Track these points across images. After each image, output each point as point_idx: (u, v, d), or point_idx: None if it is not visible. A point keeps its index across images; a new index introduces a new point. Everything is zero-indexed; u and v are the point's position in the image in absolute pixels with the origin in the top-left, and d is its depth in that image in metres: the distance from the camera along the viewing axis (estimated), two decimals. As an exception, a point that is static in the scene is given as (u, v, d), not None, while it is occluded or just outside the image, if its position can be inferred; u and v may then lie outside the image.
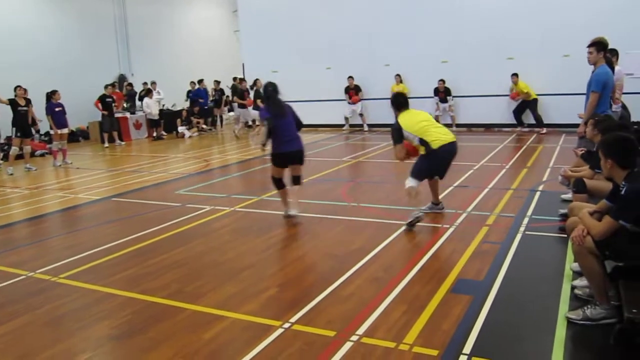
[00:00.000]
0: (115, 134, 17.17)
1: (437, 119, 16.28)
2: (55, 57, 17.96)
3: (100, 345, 3.86)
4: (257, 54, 19.51)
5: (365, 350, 3.54)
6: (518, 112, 15.37)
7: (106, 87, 17.26)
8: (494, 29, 15.35)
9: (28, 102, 12.57)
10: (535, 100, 14.94)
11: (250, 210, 7.59)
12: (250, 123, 19.08)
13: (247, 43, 20.06)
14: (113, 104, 17.11)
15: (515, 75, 15.05)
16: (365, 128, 17.69)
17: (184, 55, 22.96)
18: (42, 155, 14.89)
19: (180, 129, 18.71)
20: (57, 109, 13.20)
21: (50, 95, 13.26)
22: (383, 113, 17.21)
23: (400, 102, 6.57)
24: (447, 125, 16.28)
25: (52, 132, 13.37)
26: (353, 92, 17.52)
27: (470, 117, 16.41)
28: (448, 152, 6.30)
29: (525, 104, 15.15)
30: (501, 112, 15.78)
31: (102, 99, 16.81)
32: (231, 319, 4.09)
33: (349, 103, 17.71)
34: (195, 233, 6.55)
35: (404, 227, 6.18)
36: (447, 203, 7.25)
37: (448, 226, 6.24)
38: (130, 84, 19.66)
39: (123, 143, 17.20)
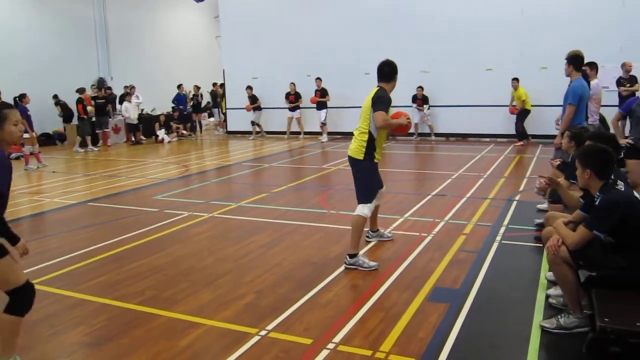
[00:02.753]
0: (89, 138, 16.84)
1: (415, 127, 16.57)
2: (31, 59, 17.66)
3: (73, 352, 3.79)
4: (238, 60, 19.50)
5: (341, 358, 3.53)
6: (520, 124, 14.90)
7: (85, 89, 17.06)
8: (473, 41, 15.58)
9: None
10: (528, 111, 14.70)
11: (229, 216, 7.55)
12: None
13: (227, 49, 20.03)
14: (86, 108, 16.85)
15: (515, 79, 14.67)
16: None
17: (164, 59, 22.85)
18: (17, 158, 14.63)
19: (160, 133, 18.57)
20: (28, 112, 12.99)
21: (20, 99, 13.05)
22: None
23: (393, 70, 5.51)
24: (426, 135, 16.59)
25: (25, 135, 13.06)
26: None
27: (450, 127, 16.58)
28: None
29: (521, 114, 14.75)
30: (480, 122, 15.95)
31: (82, 102, 16.60)
32: (207, 326, 4.05)
33: (290, 110, 17.70)
34: (172, 239, 6.49)
35: (343, 267, 5.26)
36: (424, 212, 7.30)
37: (426, 234, 6.27)
38: (109, 88, 19.48)
39: (96, 149, 16.77)
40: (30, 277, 5.19)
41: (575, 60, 6.95)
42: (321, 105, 17.15)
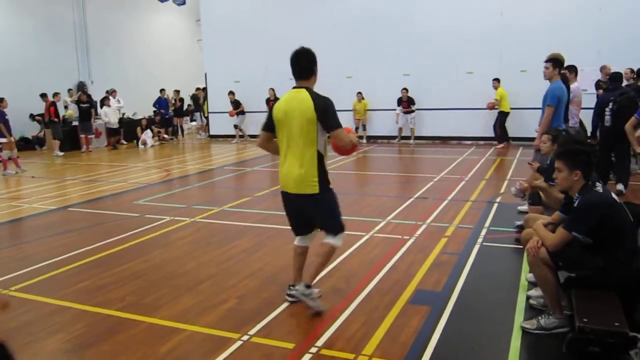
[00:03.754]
0: (57, 143, 16.35)
1: (399, 130, 16.63)
2: (8, 62, 17.42)
3: (51, 360, 3.74)
4: (220, 64, 19.44)
5: (324, 361, 3.53)
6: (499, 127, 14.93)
7: (56, 94, 16.87)
8: (453, 44, 15.71)
9: None
10: (507, 114, 14.74)
11: (211, 221, 7.51)
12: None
13: (209, 52, 19.95)
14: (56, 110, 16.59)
15: (496, 80, 14.79)
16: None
17: (146, 63, 22.70)
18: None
19: (145, 135, 18.38)
20: (6, 117, 12.80)
21: None
22: (347, 124, 17.47)
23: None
24: (406, 138, 16.65)
25: (3, 140, 12.84)
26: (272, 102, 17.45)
27: (431, 130, 16.68)
28: None
29: (499, 116, 14.85)
30: (461, 125, 16.08)
31: (55, 105, 16.38)
32: (189, 332, 4.02)
33: None
34: (154, 244, 6.43)
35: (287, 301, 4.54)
36: (407, 214, 7.33)
37: (408, 237, 6.29)
38: (89, 95, 19.26)
39: (61, 154, 16.19)
40: (8, 284, 5.16)
41: (556, 63, 7.04)
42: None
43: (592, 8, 14.29)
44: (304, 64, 4.15)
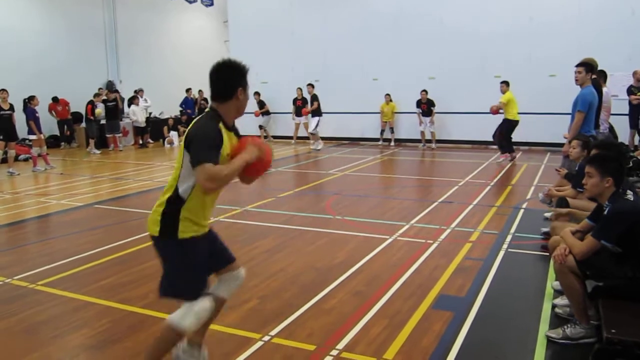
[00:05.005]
0: (93, 141, 16.71)
1: (421, 134, 16.49)
2: (40, 61, 17.72)
3: (75, 355, 3.78)
4: (247, 65, 19.49)
5: (344, 365, 3.51)
6: (500, 135, 13.20)
7: (96, 94, 17.18)
8: (481, 47, 15.57)
9: (11, 105, 12.47)
10: (514, 123, 12.96)
11: (234, 220, 7.54)
12: None
13: (236, 53, 20.03)
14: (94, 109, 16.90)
15: (504, 83, 13.24)
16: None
17: (173, 63, 22.91)
18: (26, 159, 14.70)
19: (171, 134, 18.60)
20: (37, 114, 13.08)
21: (29, 101, 13.13)
22: (374, 126, 17.44)
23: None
24: (427, 142, 16.51)
25: (33, 137, 13.10)
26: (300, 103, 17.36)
27: (457, 133, 16.53)
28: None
29: (503, 124, 13.12)
30: (487, 129, 15.87)
31: (92, 104, 16.69)
32: (210, 331, 4.01)
33: (296, 115, 17.42)
34: (177, 242, 6.47)
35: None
36: (431, 219, 7.27)
37: (432, 241, 6.24)
38: (117, 91, 19.57)
39: (98, 152, 16.48)
40: (35, 278, 5.25)
41: (589, 67, 6.92)
42: (314, 114, 16.61)
43: (624, 10, 14.01)
44: (218, 83, 3.08)
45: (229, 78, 3.10)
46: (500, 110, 13.07)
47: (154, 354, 3.10)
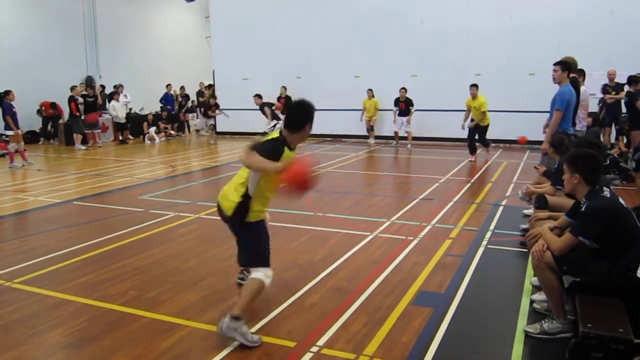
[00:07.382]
0: (79, 137, 16.56)
1: (395, 133, 16.47)
2: (16, 55, 17.40)
3: (52, 354, 3.73)
4: (228, 61, 19.47)
5: (324, 361, 3.51)
6: (472, 138, 12.87)
7: (74, 88, 16.89)
8: (461, 46, 15.69)
9: None
10: (487, 126, 12.87)
11: (215, 217, 7.44)
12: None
13: (218, 49, 19.97)
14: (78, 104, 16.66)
15: (474, 86, 12.70)
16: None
17: (154, 59, 22.70)
18: (2, 155, 14.46)
19: (150, 130, 18.43)
20: (14, 109, 12.83)
21: (4, 96, 12.87)
22: (353, 124, 17.43)
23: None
24: (401, 139, 16.54)
25: (10, 133, 12.88)
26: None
27: (438, 131, 16.61)
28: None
29: (476, 129, 12.81)
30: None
31: (75, 99, 16.41)
32: (190, 328, 4.02)
33: (281, 113, 16.35)
34: (157, 239, 6.43)
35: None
36: (411, 215, 7.31)
37: (412, 238, 6.27)
38: (99, 86, 19.29)
39: (84, 148, 16.36)
40: (11, 276, 5.17)
41: (566, 66, 6.99)
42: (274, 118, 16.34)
43: (603, 11, 14.20)
44: (294, 118, 3.95)
45: (305, 113, 3.92)
46: (479, 122, 12.59)
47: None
